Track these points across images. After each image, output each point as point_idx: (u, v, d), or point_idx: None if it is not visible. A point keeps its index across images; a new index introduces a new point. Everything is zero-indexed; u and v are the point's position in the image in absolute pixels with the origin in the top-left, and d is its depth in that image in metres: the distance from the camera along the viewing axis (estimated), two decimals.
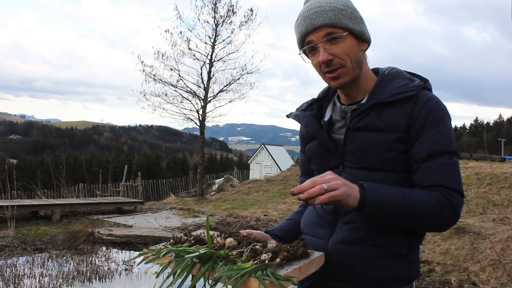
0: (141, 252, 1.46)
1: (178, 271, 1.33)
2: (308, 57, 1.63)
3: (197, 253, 1.35)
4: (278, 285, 1.21)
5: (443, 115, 1.55)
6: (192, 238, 1.48)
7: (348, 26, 1.54)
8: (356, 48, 1.57)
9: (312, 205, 1.41)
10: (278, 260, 1.32)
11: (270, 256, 1.32)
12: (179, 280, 1.32)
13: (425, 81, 1.65)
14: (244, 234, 1.53)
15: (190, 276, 1.34)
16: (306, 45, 1.58)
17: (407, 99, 1.54)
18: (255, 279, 1.23)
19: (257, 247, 1.38)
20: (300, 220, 1.85)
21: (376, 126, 1.55)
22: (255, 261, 1.30)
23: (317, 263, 1.45)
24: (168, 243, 1.49)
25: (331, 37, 1.53)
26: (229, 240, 1.43)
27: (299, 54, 1.65)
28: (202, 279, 1.32)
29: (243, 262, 1.30)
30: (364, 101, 1.62)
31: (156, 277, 1.36)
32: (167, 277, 1.34)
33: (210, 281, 1.32)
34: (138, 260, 1.46)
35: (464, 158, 14.32)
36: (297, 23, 1.60)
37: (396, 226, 1.51)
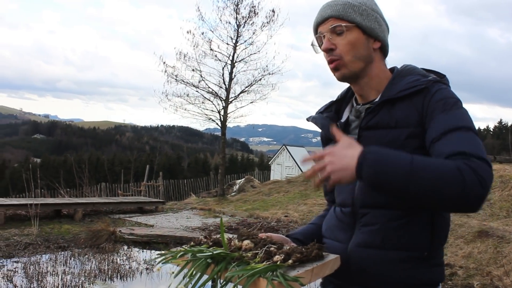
0: (160, 253, 1.48)
1: (192, 271, 1.35)
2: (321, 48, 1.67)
3: (210, 254, 1.36)
4: (286, 285, 1.21)
5: (455, 101, 1.49)
6: (211, 240, 1.50)
7: (355, 20, 1.57)
8: (361, 43, 1.58)
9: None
10: (290, 261, 1.32)
11: (282, 257, 1.32)
12: (194, 280, 1.34)
13: (442, 76, 1.63)
14: (263, 237, 1.53)
15: (206, 277, 1.36)
16: (317, 35, 1.64)
17: (417, 93, 1.52)
18: (264, 279, 1.24)
19: (271, 248, 1.38)
20: (322, 224, 1.84)
21: (387, 123, 1.54)
22: (269, 263, 1.30)
23: (332, 266, 1.44)
24: (189, 245, 1.51)
25: (335, 27, 1.57)
26: (246, 242, 1.44)
27: (311, 44, 1.69)
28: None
29: (257, 263, 1.31)
30: (377, 100, 1.62)
31: (174, 277, 1.38)
32: (183, 277, 1.36)
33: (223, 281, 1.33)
34: (158, 259, 1.48)
35: None
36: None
37: (409, 198, 1.33)
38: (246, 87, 17.50)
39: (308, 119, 1.84)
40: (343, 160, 1.36)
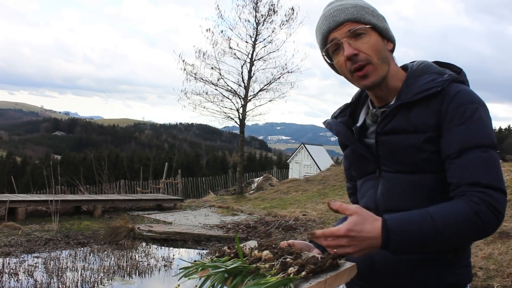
0: (182, 267, 1.49)
1: (208, 285, 1.36)
2: (331, 58, 1.59)
3: (225, 269, 1.36)
4: None
5: (476, 107, 1.44)
6: (233, 251, 1.49)
7: (371, 21, 1.50)
8: (381, 44, 1.52)
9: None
10: (304, 273, 1.29)
11: (296, 269, 1.30)
12: None
13: (459, 71, 1.57)
14: (285, 245, 1.50)
15: None
16: (330, 42, 1.54)
17: (434, 96, 1.47)
18: None
19: (287, 259, 1.36)
20: None
21: (404, 128, 1.49)
22: (283, 275, 1.29)
23: (348, 275, 1.40)
24: (214, 256, 1.50)
25: (355, 31, 1.49)
26: (265, 252, 1.42)
27: (322, 54, 1.61)
28: None
29: (272, 276, 1.29)
30: (392, 102, 1.57)
31: None
32: None
33: None
34: (181, 274, 1.49)
35: (509, 160, 13.93)
36: (318, 25, 1.58)
37: (436, 250, 1.42)
38: (265, 85, 17.52)
39: (324, 123, 1.80)
40: (365, 242, 1.32)
